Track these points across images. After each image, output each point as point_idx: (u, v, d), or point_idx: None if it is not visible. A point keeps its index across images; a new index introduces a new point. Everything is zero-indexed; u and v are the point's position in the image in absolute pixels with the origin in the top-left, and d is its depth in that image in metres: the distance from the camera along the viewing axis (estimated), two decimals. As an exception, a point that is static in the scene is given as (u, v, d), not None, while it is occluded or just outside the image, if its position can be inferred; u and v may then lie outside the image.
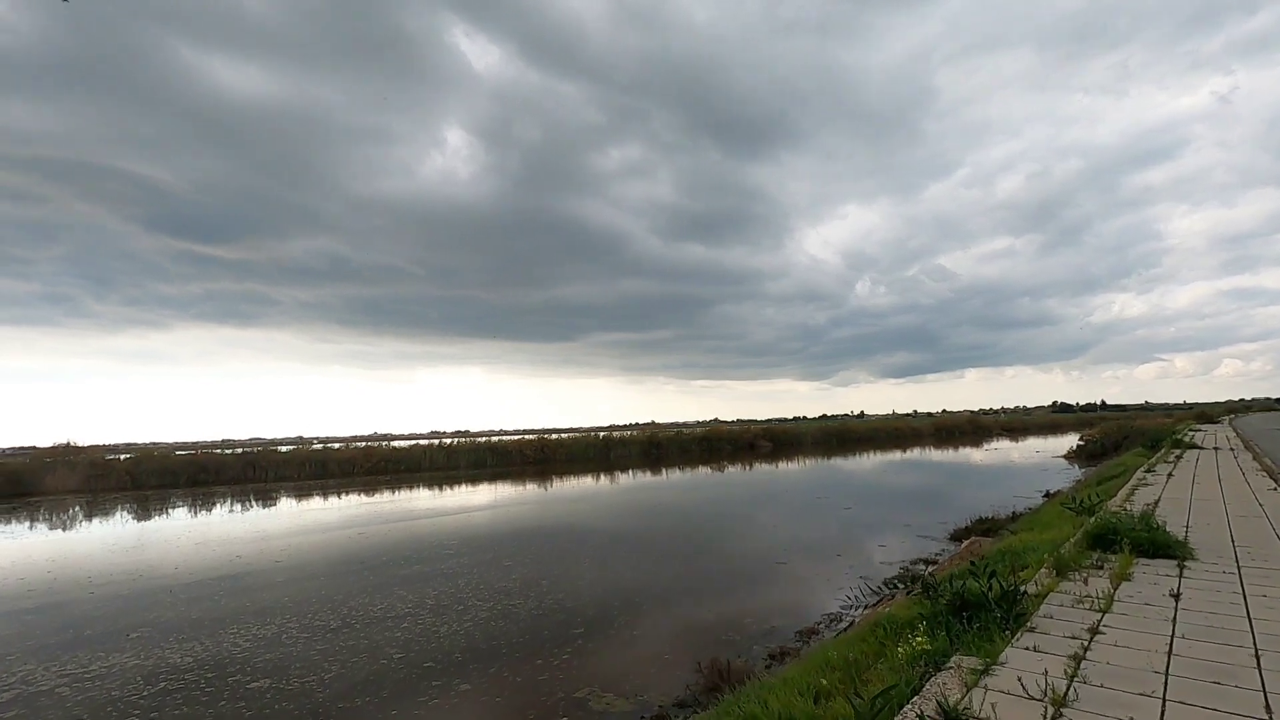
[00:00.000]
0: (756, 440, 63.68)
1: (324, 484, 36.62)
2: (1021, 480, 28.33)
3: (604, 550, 15.94)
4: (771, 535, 17.11)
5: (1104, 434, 39.49)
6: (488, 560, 14.95)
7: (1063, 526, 8.14)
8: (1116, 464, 20.70)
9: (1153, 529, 6.57)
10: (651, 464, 47.44)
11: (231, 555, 16.50)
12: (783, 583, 12.14)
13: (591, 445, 52.22)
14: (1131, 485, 11.97)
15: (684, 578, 12.82)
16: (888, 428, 79.83)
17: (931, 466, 40.68)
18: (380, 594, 12.27)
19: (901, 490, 26.93)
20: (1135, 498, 10.33)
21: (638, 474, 38.63)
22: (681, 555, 15.00)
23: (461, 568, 14.24)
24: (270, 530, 20.43)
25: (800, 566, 13.37)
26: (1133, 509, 8.80)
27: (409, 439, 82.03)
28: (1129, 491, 11.06)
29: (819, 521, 19.03)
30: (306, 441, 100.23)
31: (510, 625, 10.17)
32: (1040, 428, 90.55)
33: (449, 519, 21.67)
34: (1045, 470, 32.23)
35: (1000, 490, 24.94)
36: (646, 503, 25.14)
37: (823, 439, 69.09)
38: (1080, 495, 10.33)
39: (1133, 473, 14.72)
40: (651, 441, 56.54)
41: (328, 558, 15.95)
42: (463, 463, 45.15)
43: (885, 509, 21.32)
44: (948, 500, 22.95)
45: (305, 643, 9.59)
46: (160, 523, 23.35)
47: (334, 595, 12.32)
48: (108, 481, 34.48)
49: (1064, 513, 8.96)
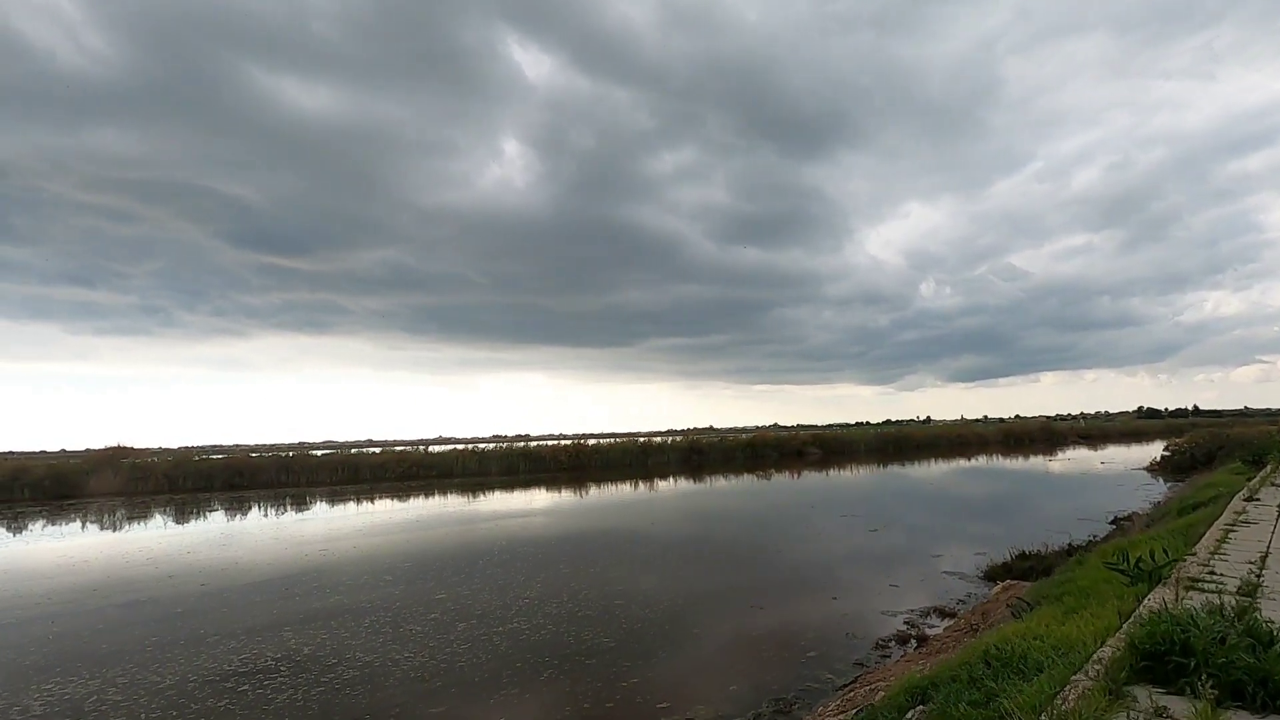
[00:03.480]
0: (805, 447, 59.63)
1: (356, 488, 35.71)
2: (1092, 497, 23.99)
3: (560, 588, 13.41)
4: (764, 565, 14.07)
5: (1194, 444, 33.84)
6: (493, 582, 12.68)
7: (1103, 604, 5.08)
8: (1207, 484, 16.53)
9: (1263, 641, 3.51)
10: (691, 471, 44.57)
11: (296, 555, 14.95)
12: (732, 645, 9.25)
13: (629, 451, 49.76)
14: (1225, 523, 8.49)
15: (619, 634, 10.14)
16: (950, 434, 73.75)
17: (992, 478, 36.08)
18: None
19: (947, 507, 23.14)
20: (1229, 549, 6.99)
21: (661, 483, 35.87)
22: (631, 599, 12.28)
23: (459, 584, 12.05)
24: (304, 536, 18.95)
25: (773, 615, 10.40)
26: (1223, 578, 5.62)
27: (471, 442, 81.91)
28: (1220, 535, 7.66)
29: (830, 548, 15.88)
30: (376, 445, 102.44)
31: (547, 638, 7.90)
32: (1122, 435, 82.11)
33: (466, 529, 19.64)
34: (1121, 485, 27.51)
35: (1063, 510, 20.89)
36: (609, 527, 22.44)
37: (878, 446, 64.20)
38: (1144, 544, 7.07)
39: (1228, 500, 11.00)
40: (692, 448, 53.57)
41: (386, 562, 14.13)
42: (494, 469, 43.53)
43: (919, 533, 17.87)
44: (997, 522, 19.23)
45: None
46: (198, 525, 22.44)
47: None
48: (147, 485, 34.61)
49: (1112, 576, 5.83)
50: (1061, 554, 12.99)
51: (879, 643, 8.86)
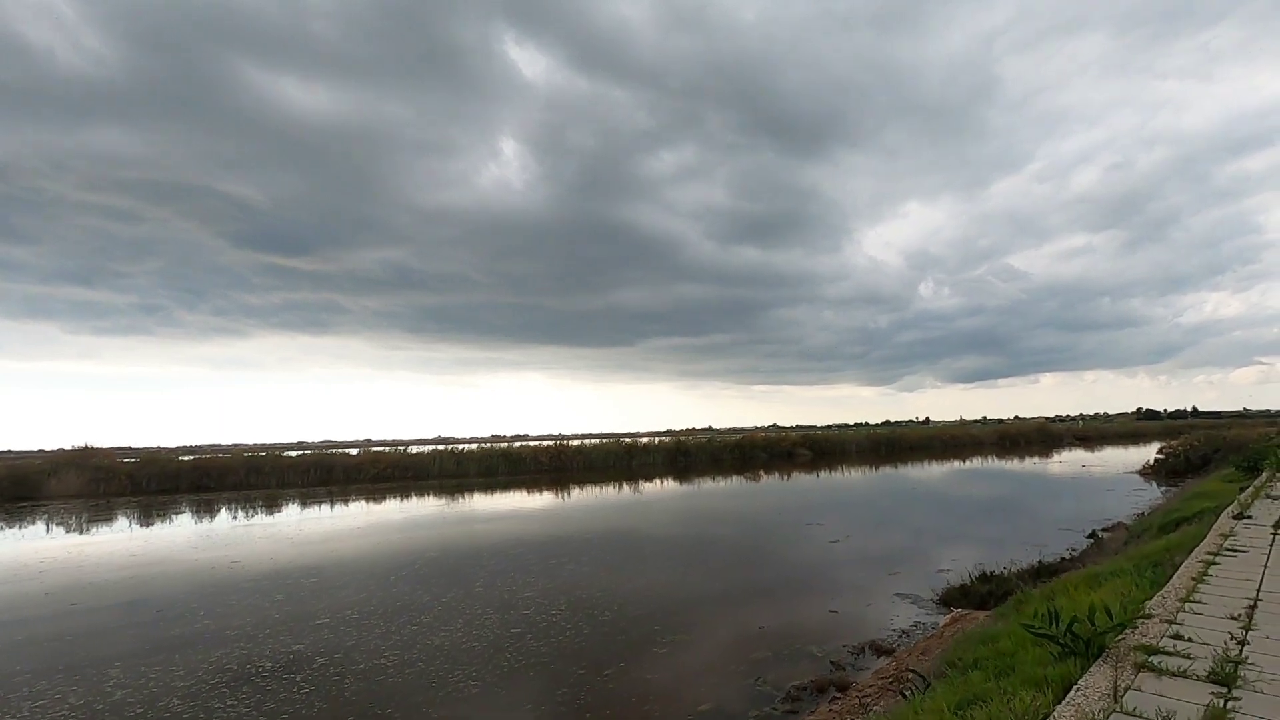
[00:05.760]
0: (795, 449, 57.90)
1: (328, 490, 34.28)
2: (1078, 503, 22.31)
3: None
4: (691, 590, 12.45)
5: (1188, 446, 32.04)
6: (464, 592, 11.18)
7: (1016, 694, 3.53)
8: (1196, 494, 14.84)
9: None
10: (677, 473, 42.97)
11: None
12: (616, 686, 7.69)
13: (612, 453, 48.18)
14: (1207, 551, 6.86)
15: (506, 670, 8.59)
16: (944, 435, 71.86)
17: (980, 481, 34.36)
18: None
19: (923, 514, 21.44)
20: (1207, 592, 5.39)
21: (638, 486, 34.31)
22: (543, 623, 10.73)
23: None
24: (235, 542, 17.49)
25: (673, 659, 8.82)
26: (1192, 645, 4.07)
27: (470, 442, 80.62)
28: (1199, 570, 6.05)
29: (778, 565, 14.26)
30: (374, 444, 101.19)
31: None
32: (1120, 436, 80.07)
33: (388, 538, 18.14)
34: (1111, 490, 25.78)
35: (1047, 517, 19.26)
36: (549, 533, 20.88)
37: (871, 447, 62.41)
38: (1102, 583, 5.47)
39: (1214, 517, 9.36)
40: (678, 449, 51.94)
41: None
42: (472, 470, 42.02)
43: (884, 545, 16.27)
44: (972, 532, 17.62)
45: None
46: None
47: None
48: (109, 486, 33.23)
49: (1041, 648, 4.24)
50: (1029, 574, 11.38)
51: (792, 692, 7.28)
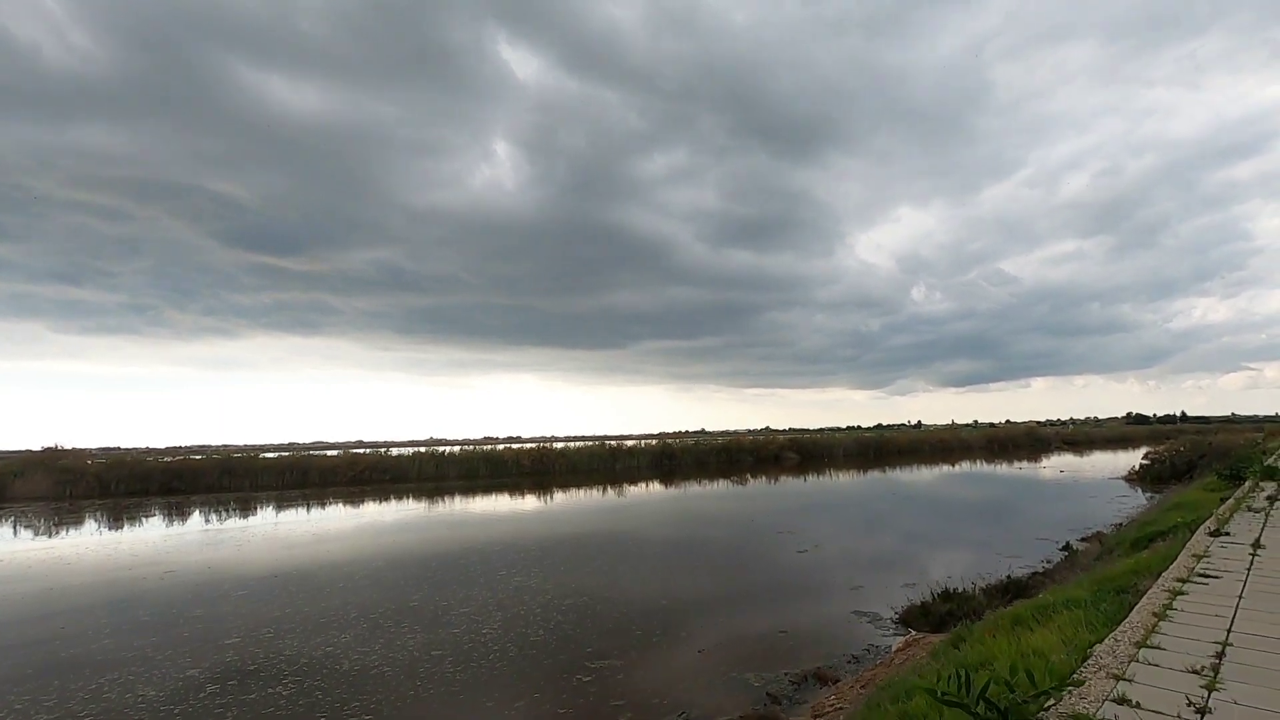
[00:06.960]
0: (782, 452, 57.13)
1: (304, 493, 33.37)
2: (1060, 509, 21.61)
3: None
4: (644, 604, 11.63)
5: (1174, 452, 31.40)
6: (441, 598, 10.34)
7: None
8: (1176, 504, 14.09)
9: None
10: (662, 476, 42.16)
11: None
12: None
13: (596, 456, 47.32)
14: (1175, 578, 6.10)
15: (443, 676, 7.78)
16: (932, 439, 71.17)
17: (964, 485, 33.65)
18: None
19: (899, 521, 20.67)
20: (1169, 633, 4.61)
21: (618, 490, 33.49)
22: (485, 635, 9.91)
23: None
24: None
25: (593, 688, 8.01)
26: (1137, 710, 3.27)
27: (463, 444, 79.56)
28: (1164, 603, 5.28)
29: (739, 576, 13.43)
30: (366, 446, 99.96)
31: None
32: (1109, 440, 79.67)
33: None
34: (1094, 496, 25.10)
35: (1026, 525, 18.55)
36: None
37: (858, 451, 61.66)
38: (1049, 615, 4.71)
39: (1189, 536, 8.60)
40: (663, 452, 51.12)
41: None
42: (453, 473, 41.13)
43: (853, 553, 15.53)
44: (947, 541, 16.90)
45: None
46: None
47: None
48: (77, 488, 32.24)
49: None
50: (996, 590, 10.62)
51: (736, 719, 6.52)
